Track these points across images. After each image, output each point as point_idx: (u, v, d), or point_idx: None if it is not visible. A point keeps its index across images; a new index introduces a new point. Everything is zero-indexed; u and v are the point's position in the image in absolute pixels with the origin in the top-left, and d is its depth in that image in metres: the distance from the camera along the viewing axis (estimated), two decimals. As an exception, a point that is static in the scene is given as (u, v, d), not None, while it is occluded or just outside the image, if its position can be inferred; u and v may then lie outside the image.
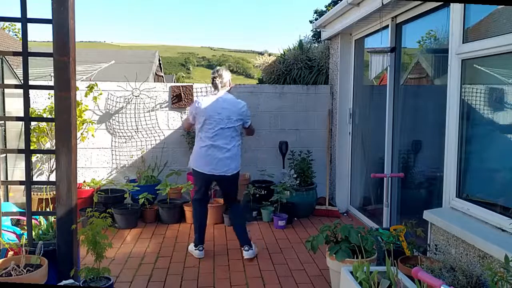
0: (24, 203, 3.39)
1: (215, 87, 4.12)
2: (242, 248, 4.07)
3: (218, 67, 4.28)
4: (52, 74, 3.25)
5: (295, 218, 5.23)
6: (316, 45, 6.53)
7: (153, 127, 5.65)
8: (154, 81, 16.58)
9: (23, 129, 4.65)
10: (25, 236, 3.13)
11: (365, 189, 5.34)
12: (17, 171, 5.00)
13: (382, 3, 3.88)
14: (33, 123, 4.98)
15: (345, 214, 5.57)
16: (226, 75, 4.15)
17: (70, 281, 2.87)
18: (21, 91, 3.13)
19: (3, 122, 4.71)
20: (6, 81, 4.71)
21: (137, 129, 5.62)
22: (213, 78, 4.13)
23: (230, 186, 4.17)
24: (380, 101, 4.61)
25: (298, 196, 5.23)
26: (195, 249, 4.08)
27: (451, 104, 3.20)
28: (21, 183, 3.39)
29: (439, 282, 2.03)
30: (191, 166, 4.12)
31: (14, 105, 4.82)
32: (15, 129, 5.08)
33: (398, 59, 4.36)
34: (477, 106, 3.12)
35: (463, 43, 3.09)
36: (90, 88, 5.32)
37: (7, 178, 4.70)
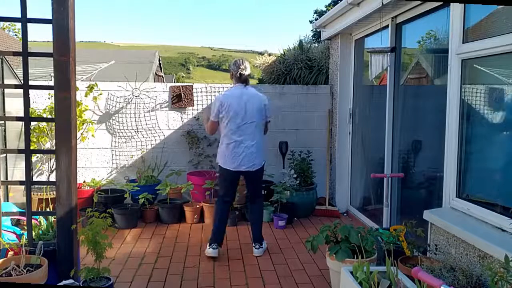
0: (24, 203, 3.38)
1: (243, 81, 4.03)
2: (253, 245, 4.12)
3: (240, 59, 4.14)
4: (52, 74, 3.25)
5: (295, 218, 5.22)
6: (316, 45, 6.53)
7: (153, 127, 5.65)
8: (154, 81, 16.59)
9: (23, 129, 4.65)
10: (25, 236, 3.13)
11: (365, 189, 5.34)
12: (17, 171, 5.00)
13: (382, 3, 3.88)
14: (33, 123, 4.98)
15: (345, 214, 5.57)
16: (249, 67, 4.10)
17: (70, 281, 2.87)
18: (21, 91, 3.12)
19: (3, 122, 4.71)
20: (6, 81, 4.71)
21: (137, 129, 5.62)
22: (241, 73, 4.01)
23: (255, 182, 4.18)
24: (380, 101, 4.61)
25: (298, 196, 5.23)
26: (209, 247, 4.01)
27: (451, 104, 3.20)
28: (21, 183, 3.39)
29: (439, 282, 2.02)
30: (218, 163, 4.11)
31: (14, 105, 4.82)
32: (15, 129, 5.08)
33: (398, 59, 4.35)
34: (477, 106, 3.12)
35: (463, 43, 3.09)
36: (90, 88, 5.32)
37: (7, 178, 4.70)
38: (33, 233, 3.32)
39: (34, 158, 5.30)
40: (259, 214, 4.25)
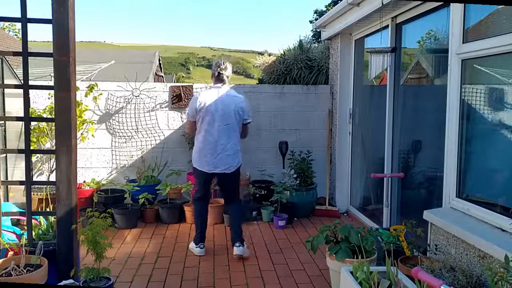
0: (24, 203, 3.38)
1: (221, 81, 3.99)
2: (234, 245, 4.04)
3: (220, 60, 4.12)
4: (52, 74, 3.25)
5: (295, 218, 5.23)
6: (316, 45, 6.53)
7: (153, 127, 5.65)
8: (154, 81, 16.59)
9: (23, 129, 4.65)
10: (25, 236, 3.13)
11: (365, 189, 5.34)
12: (17, 171, 5.00)
13: (382, 3, 3.88)
14: (33, 123, 4.98)
15: (345, 214, 5.57)
16: (230, 68, 4.06)
17: (70, 281, 2.87)
18: (21, 91, 3.12)
19: (3, 122, 4.71)
20: (6, 81, 4.71)
21: (137, 129, 5.62)
22: (219, 72, 3.99)
23: (231, 184, 4.13)
24: (380, 101, 4.61)
25: (298, 196, 5.23)
26: (196, 247, 4.08)
27: (451, 104, 3.20)
28: (21, 183, 3.39)
29: (439, 282, 2.02)
30: (193, 164, 4.09)
31: (14, 105, 4.83)
32: (15, 129, 5.08)
33: (398, 59, 4.35)
34: (477, 106, 3.12)
35: (463, 43, 3.09)
36: (90, 88, 5.32)
37: (7, 178, 4.70)
38: (33, 233, 3.32)
39: (34, 158, 5.30)
40: (239, 214, 4.21)
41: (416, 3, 3.76)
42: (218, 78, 4.02)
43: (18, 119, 3.47)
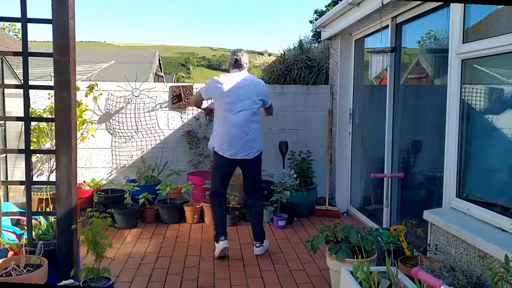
0: (24, 203, 3.39)
1: (239, 66, 3.98)
2: (254, 244, 4.08)
3: (237, 48, 4.14)
4: (52, 74, 3.25)
5: (295, 218, 5.22)
6: (316, 45, 6.53)
7: (153, 127, 5.65)
8: (154, 81, 16.59)
9: (23, 129, 4.65)
10: (25, 236, 3.13)
11: (365, 189, 5.34)
12: (17, 171, 5.00)
13: (382, 3, 3.88)
14: (33, 123, 4.98)
15: (345, 214, 5.57)
16: (247, 56, 4.08)
17: (70, 281, 2.87)
18: (21, 91, 3.13)
19: (3, 122, 4.71)
20: (6, 81, 4.71)
21: (137, 129, 5.62)
22: (236, 58, 3.98)
23: (252, 171, 4.05)
24: (380, 101, 4.61)
25: (298, 196, 5.23)
26: (219, 242, 3.92)
27: (451, 104, 3.20)
28: (21, 183, 3.39)
29: (439, 282, 2.02)
30: (212, 148, 3.98)
31: (14, 105, 4.83)
32: (15, 129, 5.08)
33: (398, 59, 4.36)
34: (477, 106, 3.12)
35: (463, 43, 3.09)
36: (90, 88, 5.32)
37: (7, 178, 4.70)
38: (33, 233, 3.32)
39: (34, 158, 5.30)
40: (260, 213, 4.17)
41: (416, 3, 3.76)
42: (236, 64, 4.01)
43: (18, 119, 3.47)
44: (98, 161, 5.57)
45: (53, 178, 4.42)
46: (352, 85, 5.50)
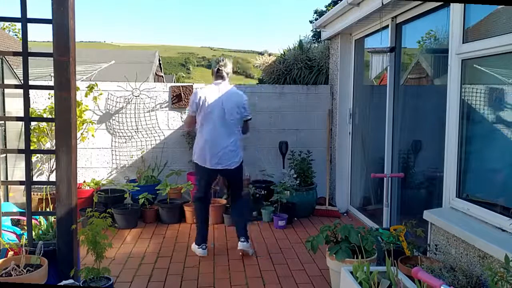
0: (24, 203, 3.38)
1: (221, 77, 4.03)
2: (239, 240, 4.05)
3: (220, 57, 4.18)
4: (52, 74, 3.25)
5: (295, 218, 5.22)
6: (316, 45, 6.53)
7: (153, 127, 5.65)
8: (154, 81, 16.58)
9: (23, 129, 4.65)
10: (25, 236, 3.13)
11: (365, 189, 5.34)
12: (17, 171, 4.99)
13: (382, 3, 3.88)
14: (33, 123, 4.98)
15: (345, 214, 5.57)
16: (230, 65, 4.10)
17: (70, 281, 2.87)
18: (21, 91, 3.13)
19: (3, 122, 4.71)
20: (6, 81, 4.71)
21: (137, 129, 5.62)
22: (218, 68, 4.03)
23: (235, 179, 4.17)
24: (380, 101, 4.61)
25: (298, 196, 5.23)
26: (198, 248, 4.07)
27: (451, 104, 3.20)
28: (21, 183, 3.39)
29: (439, 282, 2.02)
30: (194, 160, 4.08)
31: (14, 105, 4.82)
32: (15, 129, 5.08)
33: (398, 59, 4.35)
34: (477, 106, 3.12)
35: (463, 43, 3.09)
36: (90, 88, 5.32)
37: (7, 178, 4.70)
38: (33, 233, 3.32)
39: (34, 158, 5.30)
40: (243, 212, 4.22)
41: (416, 3, 3.76)
42: (218, 75, 4.06)
43: (18, 119, 3.47)
44: (98, 161, 5.58)
45: (53, 178, 4.42)
46: (352, 85, 5.50)
